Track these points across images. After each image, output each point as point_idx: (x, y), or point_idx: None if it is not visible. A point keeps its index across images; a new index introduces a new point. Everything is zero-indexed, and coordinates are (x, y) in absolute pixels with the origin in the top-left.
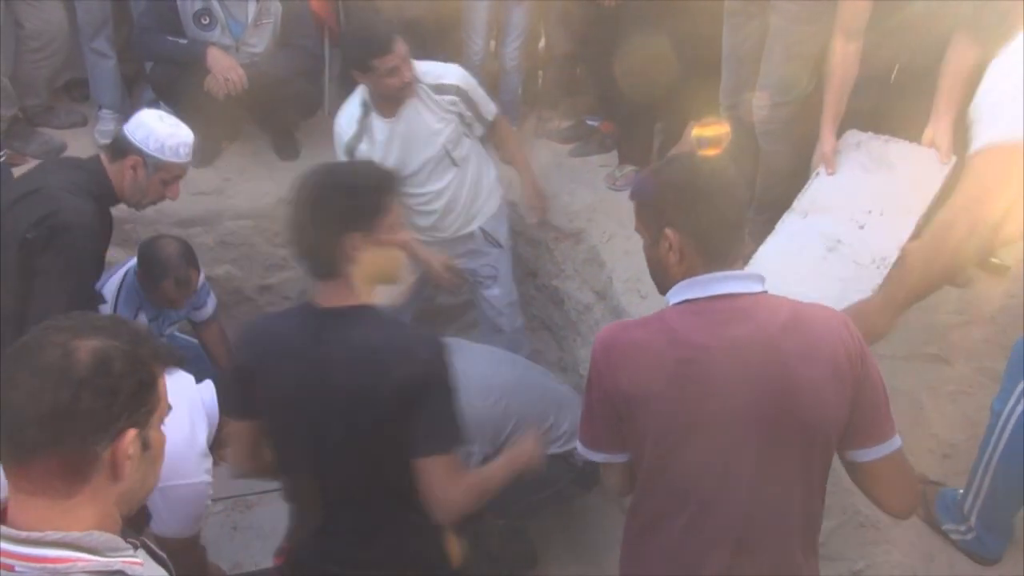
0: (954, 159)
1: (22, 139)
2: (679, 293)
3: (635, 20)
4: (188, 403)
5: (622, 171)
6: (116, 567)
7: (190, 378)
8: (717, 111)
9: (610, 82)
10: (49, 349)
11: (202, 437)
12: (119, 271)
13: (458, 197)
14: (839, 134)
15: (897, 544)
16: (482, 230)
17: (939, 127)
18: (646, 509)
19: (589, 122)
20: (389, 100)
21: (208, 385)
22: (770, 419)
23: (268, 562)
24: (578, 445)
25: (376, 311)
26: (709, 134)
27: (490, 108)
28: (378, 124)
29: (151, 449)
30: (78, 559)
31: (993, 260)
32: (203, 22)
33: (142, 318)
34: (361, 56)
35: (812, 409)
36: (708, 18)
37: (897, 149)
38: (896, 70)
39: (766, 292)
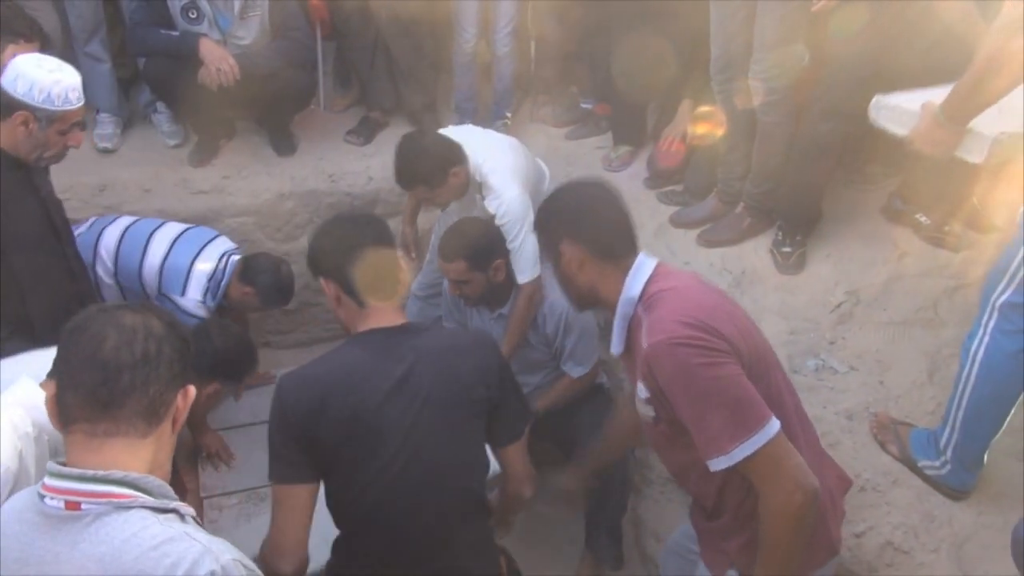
0: None
1: None
2: (636, 282)
3: (627, 3)
4: None
5: (617, 152)
6: (172, 506)
7: None
8: (709, 89)
9: (604, 64)
10: (126, 315)
11: None
12: (198, 262)
13: None
14: None
15: (897, 505)
16: None
17: None
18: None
19: (583, 105)
20: None
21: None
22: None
23: None
24: (745, 445)
25: (427, 324)
26: (703, 118)
27: (524, 271)
28: None
29: (185, 412)
30: (138, 496)
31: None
32: (191, 16)
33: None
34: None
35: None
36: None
37: None
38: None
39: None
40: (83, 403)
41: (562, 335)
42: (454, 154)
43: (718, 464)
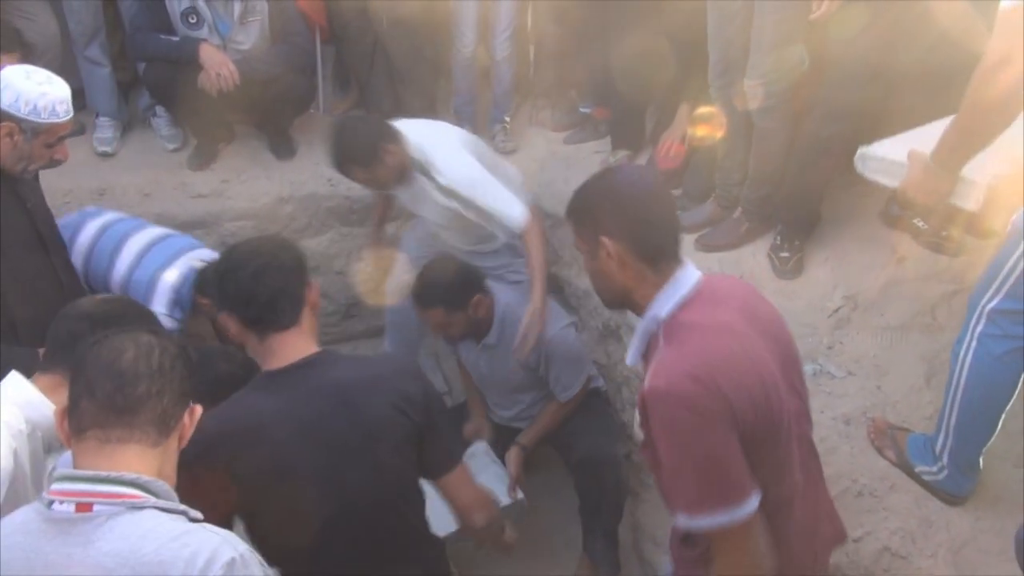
0: None
1: None
2: (667, 300)
3: (626, 8)
4: None
5: (616, 156)
6: (181, 508)
7: None
8: (708, 94)
9: (602, 68)
10: (142, 334)
11: None
12: (165, 275)
13: (478, 231)
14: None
15: (895, 510)
16: (507, 245)
17: None
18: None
19: (582, 109)
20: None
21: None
22: (783, 372)
23: None
24: (709, 517)
25: (337, 354)
26: (702, 120)
27: (513, 217)
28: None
29: (191, 430)
30: (149, 498)
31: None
32: (191, 21)
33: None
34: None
35: (791, 344)
36: (698, 3)
37: None
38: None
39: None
40: (99, 409)
41: (544, 365)
42: (384, 132)
43: (680, 521)
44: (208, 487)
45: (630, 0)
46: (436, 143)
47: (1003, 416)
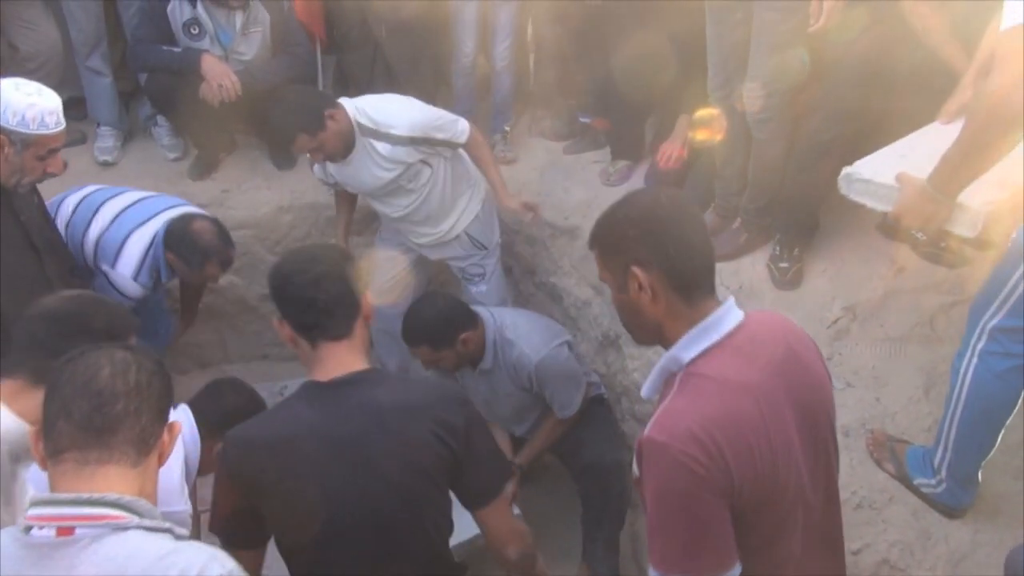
0: None
1: None
2: (694, 345)
3: (626, 16)
4: None
5: (615, 167)
6: (166, 526)
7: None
8: (707, 105)
9: (602, 79)
10: (117, 351)
11: (178, 466)
12: (135, 235)
13: (427, 211)
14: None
15: (893, 523)
16: (467, 233)
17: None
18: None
19: (582, 119)
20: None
21: (184, 410)
22: (809, 432)
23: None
24: None
25: (386, 372)
26: (702, 124)
27: (458, 131)
28: (332, 167)
29: (171, 447)
30: (132, 518)
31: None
32: (192, 32)
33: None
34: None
35: (827, 402)
36: (699, 13)
37: None
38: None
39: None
40: (76, 430)
41: (538, 386)
42: (326, 98)
43: (651, 573)
44: (241, 491)
45: (630, 8)
46: (375, 100)
47: (1003, 431)
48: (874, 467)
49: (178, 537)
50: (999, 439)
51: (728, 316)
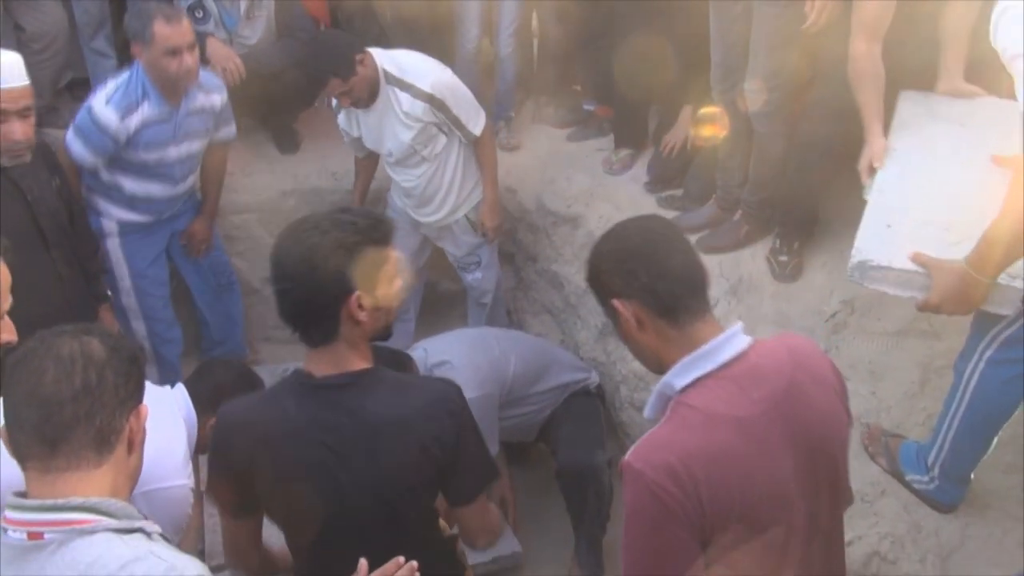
0: None
1: None
2: (687, 372)
3: (630, 5)
4: (165, 407)
5: (618, 155)
6: (136, 526)
7: (164, 388)
8: (711, 95)
9: (606, 67)
10: (64, 344)
11: (181, 442)
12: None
13: (436, 189)
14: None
15: (884, 516)
16: (467, 218)
17: (956, 83)
18: None
19: (585, 107)
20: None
21: (180, 389)
22: (809, 469)
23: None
24: None
25: (381, 374)
26: (705, 121)
27: (473, 117)
28: (357, 117)
29: (141, 434)
30: (100, 520)
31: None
32: (197, 16)
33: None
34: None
35: (834, 440)
36: (702, 6)
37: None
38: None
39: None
40: (30, 441)
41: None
42: (355, 44)
43: None
44: (232, 464)
45: (635, 1)
46: (410, 57)
47: (999, 433)
48: (867, 460)
49: (150, 535)
50: (995, 442)
51: (727, 345)
